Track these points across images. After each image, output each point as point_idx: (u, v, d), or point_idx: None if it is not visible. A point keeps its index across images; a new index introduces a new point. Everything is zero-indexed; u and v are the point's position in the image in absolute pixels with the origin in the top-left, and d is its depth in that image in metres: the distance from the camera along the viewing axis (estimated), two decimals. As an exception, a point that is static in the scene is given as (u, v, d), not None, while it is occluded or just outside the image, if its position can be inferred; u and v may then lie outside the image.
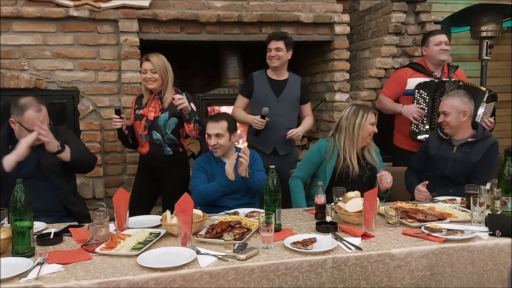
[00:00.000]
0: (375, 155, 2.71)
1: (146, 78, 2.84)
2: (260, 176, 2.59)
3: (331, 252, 1.76)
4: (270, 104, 3.04)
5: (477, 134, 2.75)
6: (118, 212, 2.04)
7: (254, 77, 3.19)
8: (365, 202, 2.02)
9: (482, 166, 2.69)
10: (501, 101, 5.59)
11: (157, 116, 2.85)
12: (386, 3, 4.04)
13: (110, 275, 1.57)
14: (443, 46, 3.31)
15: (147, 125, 2.84)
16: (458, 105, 2.71)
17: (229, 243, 1.81)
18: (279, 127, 3.09)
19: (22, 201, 1.74)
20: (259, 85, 3.14)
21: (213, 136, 2.59)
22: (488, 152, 2.70)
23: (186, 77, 4.84)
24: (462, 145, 2.73)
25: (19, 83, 3.32)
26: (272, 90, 3.13)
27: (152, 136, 2.86)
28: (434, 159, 2.77)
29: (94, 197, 3.47)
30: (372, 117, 2.64)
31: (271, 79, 3.16)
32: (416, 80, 3.31)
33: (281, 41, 3.05)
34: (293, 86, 3.18)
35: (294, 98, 3.17)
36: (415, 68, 3.43)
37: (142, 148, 2.94)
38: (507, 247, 1.89)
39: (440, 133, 2.84)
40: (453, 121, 2.71)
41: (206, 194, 2.55)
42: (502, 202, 2.21)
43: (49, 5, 3.35)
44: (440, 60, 3.35)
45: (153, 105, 2.87)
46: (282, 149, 3.10)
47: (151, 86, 2.85)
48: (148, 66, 2.82)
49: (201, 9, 3.66)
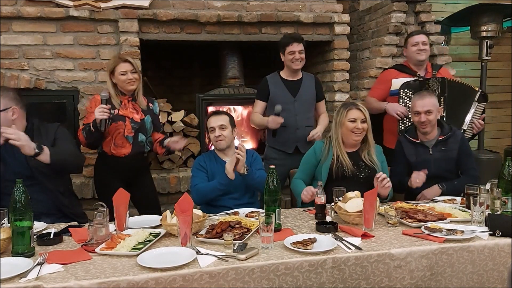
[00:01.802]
0: (375, 155, 2.65)
1: (127, 80, 2.74)
2: (260, 173, 2.60)
3: (331, 252, 1.76)
4: (287, 105, 3.10)
5: (445, 131, 2.82)
6: (118, 212, 2.04)
7: (268, 80, 3.23)
8: (365, 202, 2.02)
9: (466, 158, 2.79)
10: (501, 101, 5.60)
11: (142, 118, 2.82)
12: (386, 3, 4.04)
13: (110, 275, 1.57)
14: (420, 46, 3.34)
15: (136, 127, 2.79)
16: (436, 104, 2.80)
17: (229, 243, 1.81)
18: (298, 126, 3.16)
19: (22, 201, 1.74)
20: (274, 87, 3.19)
21: (217, 128, 2.62)
22: (462, 144, 2.81)
23: (186, 77, 4.84)
24: (435, 145, 2.79)
25: (19, 83, 3.32)
26: (288, 91, 3.18)
27: (138, 137, 2.82)
28: (416, 165, 2.79)
29: (94, 197, 3.47)
30: (352, 113, 2.55)
31: (286, 80, 3.21)
32: (401, 80, 3.34)
33: (302, 43, 3.14)
34: (308, 84, 3.24)
35: (310, 96, 3.23)
36: (399, 69, 3.48)
37: (122, 149, 2.80)
38: (507, 247, 1.89)
39: (409, 137, 2.86)
40: (434, 120, 2.77)
41: (205, 193, 2.56)
42: (502, 202, 2.21)
43: (49, 5, 3.35)
44: (418, 60, 3.38)
45: (131, 107, 2.81)
46: (304, 147, 3.12)
47: (132, 87, 2.78)
48: (127, 67, 2.74)
49: (201, 9, 3.66)
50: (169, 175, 3.63)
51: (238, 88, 4.05)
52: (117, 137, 2.79)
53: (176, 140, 2.86)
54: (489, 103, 5.11)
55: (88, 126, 2.66)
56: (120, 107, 2.78)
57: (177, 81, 4.83)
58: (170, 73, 4.79)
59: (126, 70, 2.74)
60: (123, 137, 2.79)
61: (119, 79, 2.76)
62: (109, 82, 2.80)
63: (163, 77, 4.72)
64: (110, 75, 2.79)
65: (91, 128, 2.64)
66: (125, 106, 2.80)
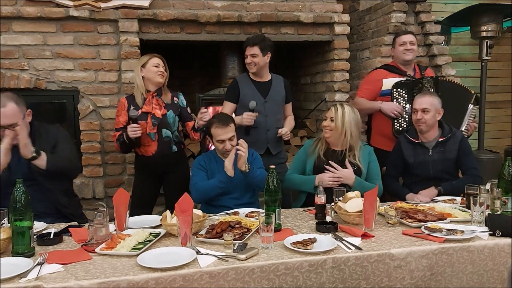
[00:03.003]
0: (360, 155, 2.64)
1: (158, 72, 2.87)
2: (260, 172, 2.60)
3: (331, 252, 1.76)
4: (258, 106, 3.02)
5: (445, 133, 2.80)
6: (118, 212, 2.04)
7: (238, 81, 3.16)
8: (365, 202, 2.02)
9: (466, 158, 2.78)
10: (501, 101, 5.61)
11: (164, 113, 2.87)
12: (386, 3, 4.05)
13: (110, 275, 1.57)
14: (407, 46, 3.30)
15: (156, 123, 2.83)
16: (436, 103, 2.77)
17: (229, 243, 1.81)
18: (269, 127, 3.10)
19: (22, 201, 1.74)
20: (244, 88, 3.12)
21: (227, 140, 2.58)
22: (461, 145, 2.78)
23: (186, 77, 4.85)
24: (435, 146, 2.78)
25: (19, 83, 3.32)
26: (259, 92, 3.11)
27: (162, 134, 2.87)
28: (414, 166, 2.79)
29: (94, 197, 3.47)
30: (329, 112, 2.67)
31: (256, 81, 3.14)
32: (392, 80, 3.30)
33: (256, 46, 3.01)
34: (278, 86, 3.18)
35: (280, 98, 3.18)
36: (388, 68, 3.42)
37: (149, 147, 2.89)
38: (507, 247, 1.89)
39: (409, 137, 2.84)
40: (431, 119, 2.75)
41: (205, 191, 2.55)
42: (502, 202, 2.21)
43: (49, 5, 3.35)
44: (404, 60, 3.33)
45: (155, 103, 2.87)
46: (274, 148, 3.12)
47: (162, 80, 2.89)
48: (159, 61, 2.90)
49: (201, 9, 3.66)
50: (169, 175, 3.63)
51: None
52: (142, 137, 2.84)
53: (200, 117, 2.86)
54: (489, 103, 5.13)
55: (122, 137, 2.81)
56: (144, 104, 2.86)
57: (177, 81, 4.82)
58: (170, 73, 4.76)
59: (159, 63, 2.89)
60: (146, 135, 2.85)
61: (151, 70, 2.87)
62: (138, 78, 2.89)
63: (163, 77, 4.72)
64: (141, 68, 2.88)
65: (125, 140, 2.80)
66: (149, 102, 2.86)
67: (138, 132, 2.74)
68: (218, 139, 2.59)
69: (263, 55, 3.03)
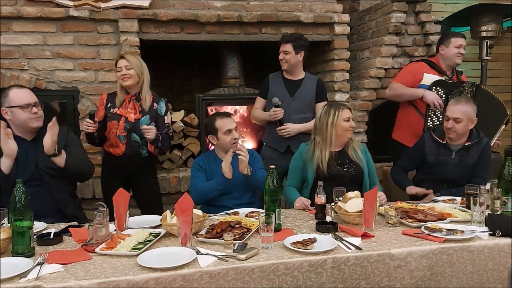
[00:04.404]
0: (359, 150, 2.66)
1: (121, 75, 2.79)
2: (261, 173, 2.60)
3: (331, 252, 1.76)
4: (283, 103, 3.11)
5: (473, 138, 2.76)
6: (118, 212, 2.05)
7: (270, 78, 3.28)
8: (365, 202, 2.02)
9: (481, 165, 2.73)
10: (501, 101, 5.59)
11: (138, 118, 2.81)
12: (386, 3, 4.04)
13: (110, 275, 1.57)
14: (462, 50, 3.33)
15: (127, 127, 2.79)
16: (470, 112, 2.68)
17: (229, 243, 1.81)
18: None
19: (22, 201, 1.74)
20: (274, 85, 3.23)
21: (234, 130, 2.63)
22: (483, 152, 2.74)
23: (186, 77, 4.84)
24: (459, 150, 2.75)
25: (19, 83, 3.31)
26: (287, 90, 3.19)
27: (131, 137, 2.83)
28: (433, 165, 2.77)
29: (94, 197, 3.47)
30: (345, 113, 2.60)
31: (286, 79, 3.24)
32: (432, 76, 3.30)
33: (289, 43, 3.11)
34: (309, 85, 3.23)
35: (309, 97, 3.22)
36: (429, 64, 3.43)
37: (117, 149, 2.85)
38: (507, 247, 1.89)
39: (435, 136, 2.82)
40: (462, 129, 2.69)
41: (204, 193, 2.56)
42: (502, 202, 2.21)
43: (49, 5, 3.35)
44: (455, 63, 3.36)
45: (131, 106, 2.82)
46: (295, 147, 3.12)
47: (127, 82, 2.79)
48: (122, 63, 2.79)
49: (201, 9, 3.66)
50: (169, 175, 3.63)
51: (238, 88, 4.05)
52: (111, 137, 2.84)
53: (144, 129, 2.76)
54: (489, 103, 5.09)
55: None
56: (121, 106, 2.82)
57: (177, 81, 4.83)
58: (170, 73, 4.79)
59: (121, 66, 2.81)
60: (115, 137, 2.83)
61: (116, 75, 2.85)
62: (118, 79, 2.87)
63: (163, 77, 4.71)
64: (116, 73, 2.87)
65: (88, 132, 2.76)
66: (125, 105, 2.83)
67: (91, 129, 2.70)
68: (225, 130, 2.60)
69: (296, 53, 3.11)
